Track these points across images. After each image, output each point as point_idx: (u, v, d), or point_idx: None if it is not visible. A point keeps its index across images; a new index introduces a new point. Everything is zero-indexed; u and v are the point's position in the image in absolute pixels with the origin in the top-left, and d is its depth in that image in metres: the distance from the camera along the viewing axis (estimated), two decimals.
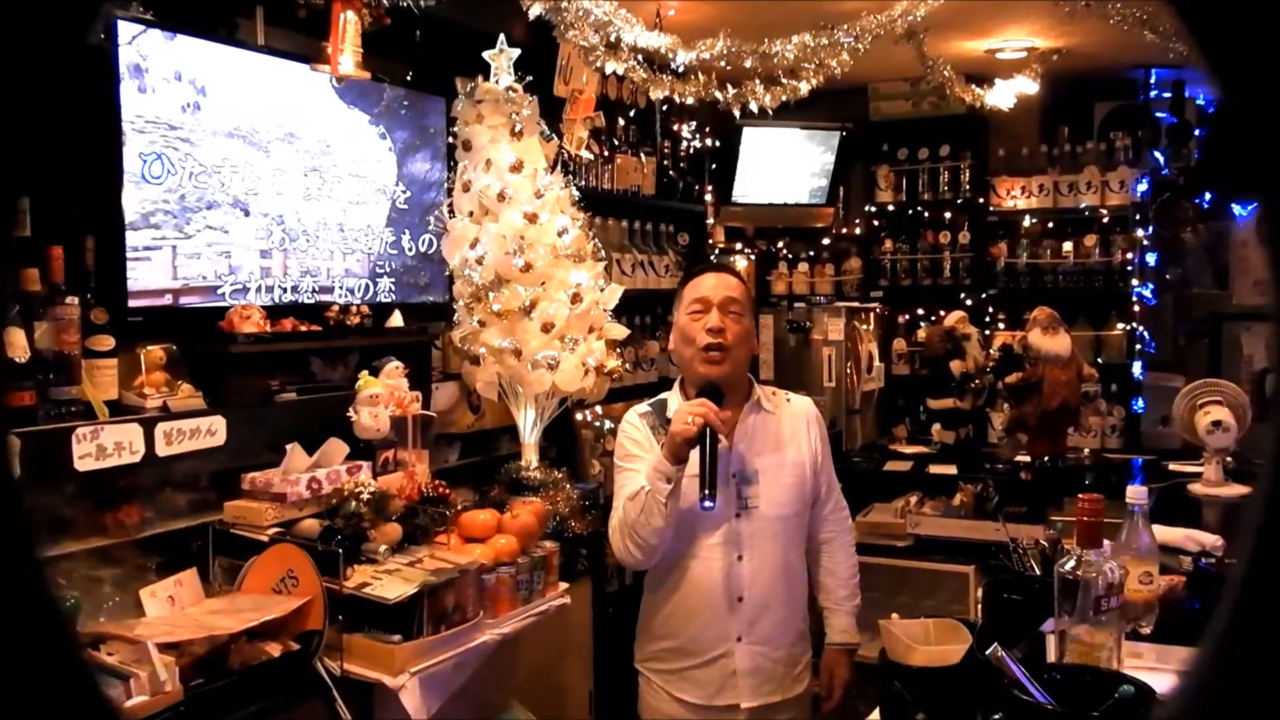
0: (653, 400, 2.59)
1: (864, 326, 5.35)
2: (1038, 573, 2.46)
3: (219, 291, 2.70)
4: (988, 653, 1.49)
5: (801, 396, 2.64)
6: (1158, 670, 1.81)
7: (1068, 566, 1.69)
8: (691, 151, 5.15)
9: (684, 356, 2.49)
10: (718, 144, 5.34)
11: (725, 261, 5.02)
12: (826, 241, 6.04)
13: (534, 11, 2.92)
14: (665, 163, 4.92)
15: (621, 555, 2.44)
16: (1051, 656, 1.87)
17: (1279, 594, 0.44)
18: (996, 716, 1.90)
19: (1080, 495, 1.71)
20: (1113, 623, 1.70)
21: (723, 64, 2.96)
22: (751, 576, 2.40)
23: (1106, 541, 1.72)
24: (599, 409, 4.32)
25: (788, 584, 2.47)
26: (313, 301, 2.96)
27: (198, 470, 2.66)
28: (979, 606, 2.56)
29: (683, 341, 2.47)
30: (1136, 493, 2.09)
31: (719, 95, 3.28)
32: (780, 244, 6.06)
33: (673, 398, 2.51)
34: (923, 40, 3.73)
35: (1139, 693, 1.36)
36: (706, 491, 2.19)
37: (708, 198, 5.35)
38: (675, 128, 5.05)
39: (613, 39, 2.93)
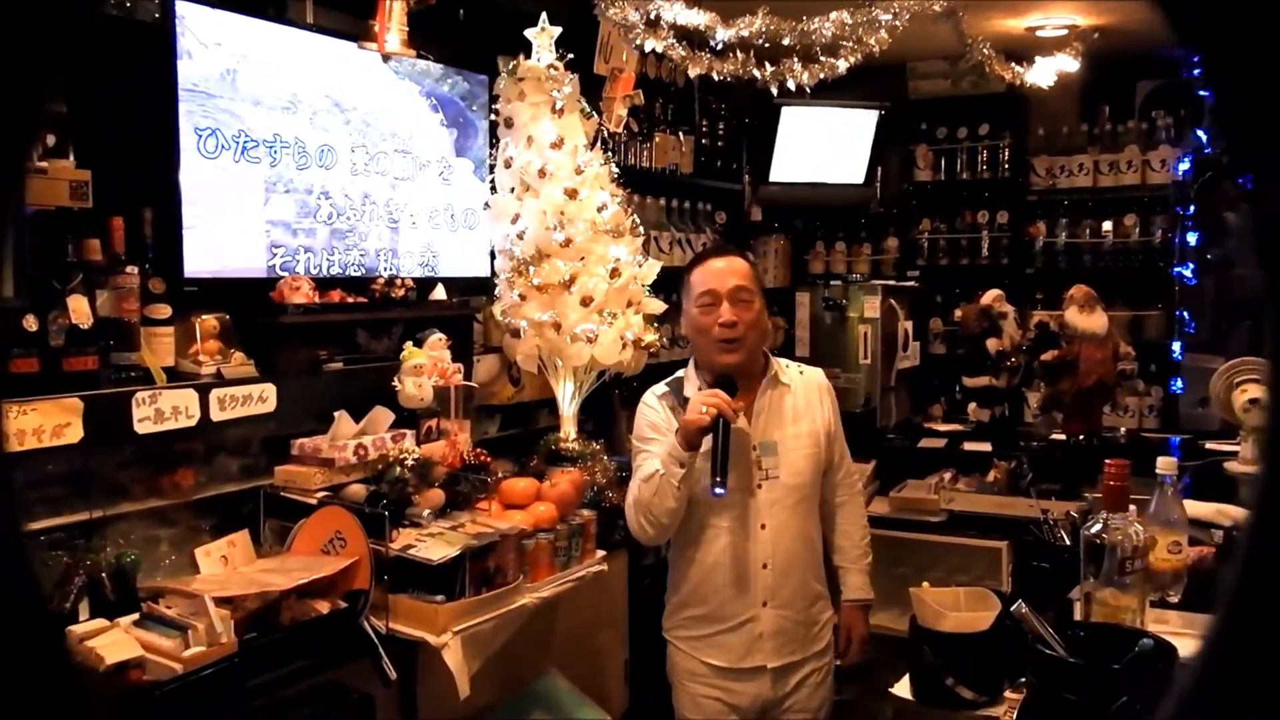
0: (669, 380, 2.65)
1: (901, 306, 5.36)
2: (1067, 543, 2.50)
3: (269, 263, 2.79)
4: (1013, 609, 1.53)
5: (813, 368, 2.71)
6: (1182, 635, 1.85)
7: (1094, 530, 1.73)
8: (730, 131, 5.18)
9: (699, 345, 2.56)
10: (756, 123, 5.35)
11: (726, 244, 5.03)
12: (864, 221, 6.04)
13: None
14: (704, 142, 4.95)
15: (636, 532, 2.53)
16: (1078, 619, 1.92)
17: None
18: (1024, 680, 1.95)
19: (1106, 460, 1.75)
20: (1137, 586, 1.74)
21: (761, 41, 2.99)
22: (774, 543, 2.49)
23: (1132, 506, 1.75)
24: (635, 384, 4.38)
25: (807, 549, 2.56)
26: (359, 274, 3.04)
27: (249, 436, 2.76)
28: (1009, 577, 2.61)
29: (696, 332, 2.53)
30: (1166, 464, 2.12)
31: (756, 73, 3.31)
32: (817, 223, 6.07)
33: (688, 378, 2.59)
34: (961, 18, 3.73)
35: (1159, 647, 1.41)
36: (717, 479, 2.28)
37: (745, 177, 5.38)
38: (714, 107, 5.08)
39: (652, 16, 2.97)
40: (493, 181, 3.40)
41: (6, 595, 0.48)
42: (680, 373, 2.64)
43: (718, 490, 2.29)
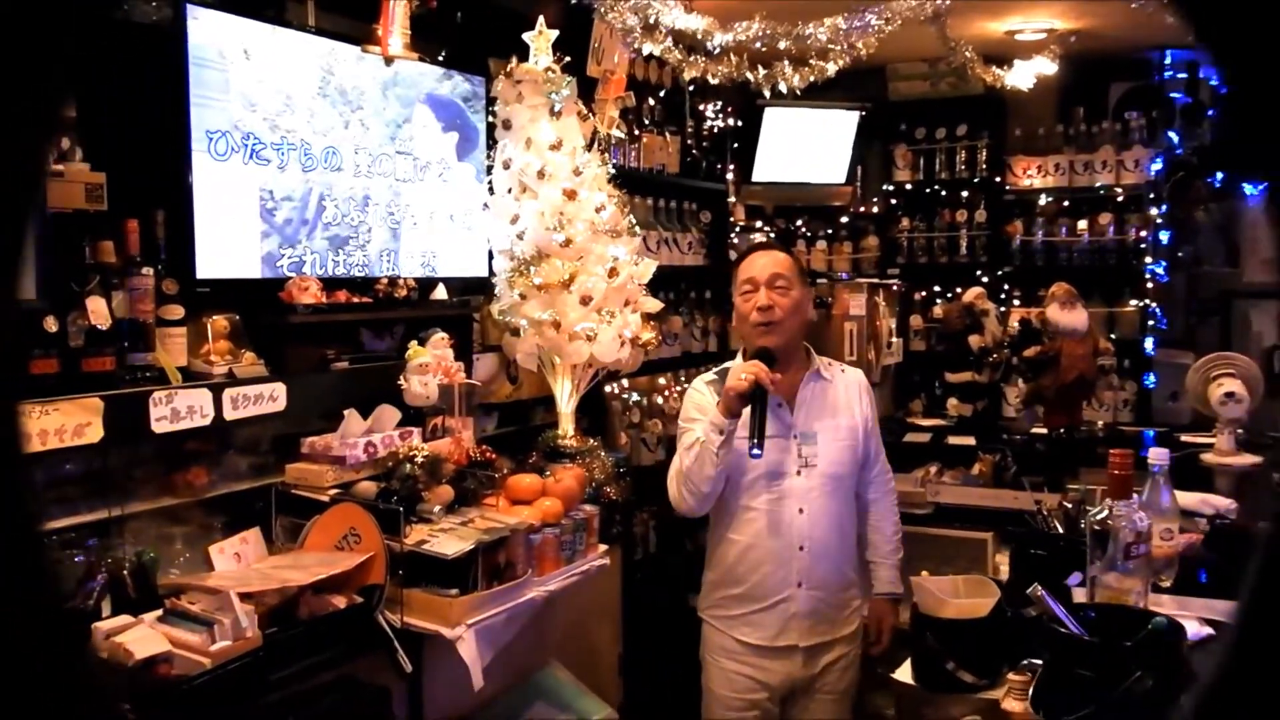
0: (718, 369, 2.81)
1: (882, 303, 5.45)
2: (1060, 532, 2.59)
3: (277, 264, 2.82)
4: (1028, 591, 1.61)
5: (853, 368, 2.90)
6: (1179, 616, 1.93)
7: (1099, 517, 1.81)
8: (715, 131, 5.25)
9: (743, 333, 2.76)
10: (740, 124, 5.43)
11: (770, 241, 5.16)
12: (845, 220, 6.14)
13: None
14: (689, 142, 5.01)
15: (676, 501, 2.69)
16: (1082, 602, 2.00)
17: None
18: (1025, 663, 2.03)
19: (1111, 450, 1.83)
20: (1140, 570, 1.82)
21: (758, 45, 3.06)
22: (811, 527, 2.62)
23: (1135, 493, 1.84)
24: (625, 382, 4.45)
25: (841, 535, 2.70)
26: (362, 275, 3.08)
27: (259, 434, 2.79)
28: (1008, 563, 2.70)
29: (740, 320, 2.74)
30: (1158, 454, 2.21)
31: (750, 76, 3.39)
32: (799, 222, 6.16)
33: (736, 367, 2.71)
34: (946, 22, 3.82)
35: (1170, 625, 1.49)
36: (754, 440, 2.42)
37: (729, 176, 5.45)
38: (700, 108, 5.14)
39: (651, 21, 3.03)
40: (490, 182, 3.45)
41: (25, 595, 0.49)
42: (729, 363, 2.77)
43: (755, 452, 2.43)
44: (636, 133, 4.55)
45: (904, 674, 2.29)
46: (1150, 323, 5.50)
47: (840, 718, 2.74)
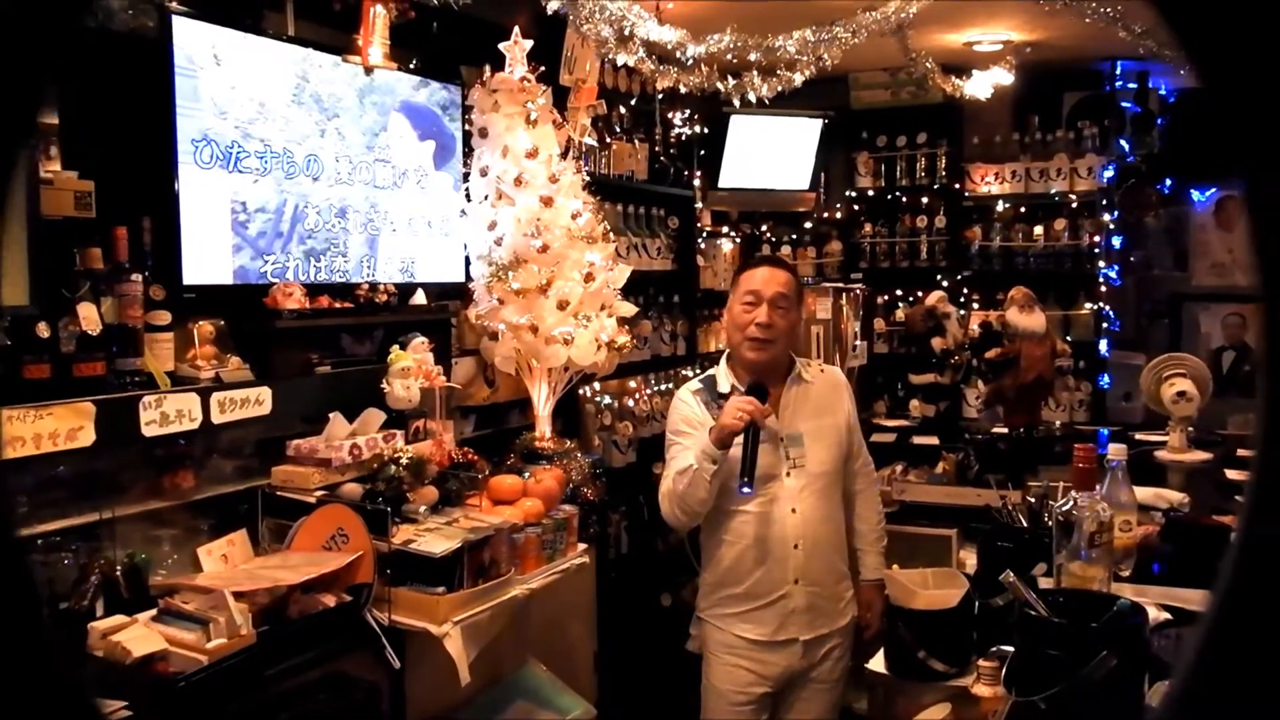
0: (702, 377, 2.91)
1: (846, 307, 5.57)
2: (1025, 525, 2.71)
3: (260, 270, 2.86)
4: (1000, 577, 1.70)
5: (832, 367, 3.01)
6: (1138, 601, 2.05)
7: (1064, 508, 1.91)
8: (682, 138, 5.34)
9: (734, 340, 2.82)
10: (706, 131, 5.52)
11: (777, 257, 5.27)
12: (808, 225, 6.27)
13: (551, 7, 3.10)
14: (657, 149, 5.10)
15: (669, 519, 2.78)
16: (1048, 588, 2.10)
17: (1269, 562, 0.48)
18: (993, 650, 2.13)
19: (1076, 445, 1.94)
20: (1103, 559, 1.93)
21: (729, 57, 3.15)
22: (804, 525, 2.72)
23: (1098, 486, 1.94)
24: (597, 385, 4.52)
25: (833, 530, 2.81)
26: (343, 280, 3.12)
27: (244, 438, 2.82)
28: (974, 558, 2.81)
29: (734, 328, 2.81)
30: (1117, 450, 2.33)
31: (720, 86, 3.48)
32: (764, 227, 6.28)
33: (721, 374, 2.84)
34: (908, 34, 3.94)
35: (1133, 608, 1.59)
36: (745, 479, 2.52)
37: (696, 183, 5.54)
38: (668, 115, 5.23)
39: (626, 33, 3.11)
40: (468, 190, 3.51)
41: (6, 599, 0.49)
42: (713, 370, 2.86)
43: (744, 490, 2.54)
44: (606, 140, 4.63)
45: (877, 664, 2.39)
46: (1104, 325, 5.68)
47: (831, 706, 2.84)
